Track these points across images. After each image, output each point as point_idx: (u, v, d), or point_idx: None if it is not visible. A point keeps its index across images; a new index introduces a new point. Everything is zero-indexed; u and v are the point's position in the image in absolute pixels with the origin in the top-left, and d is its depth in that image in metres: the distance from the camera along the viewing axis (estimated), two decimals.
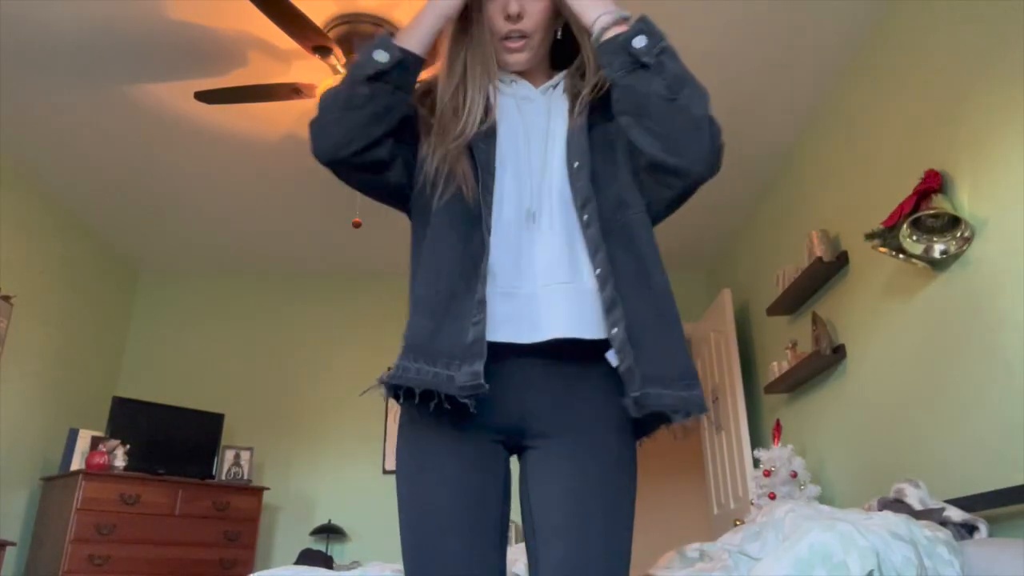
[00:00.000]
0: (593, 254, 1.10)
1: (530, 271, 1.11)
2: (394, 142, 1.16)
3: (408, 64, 1.12)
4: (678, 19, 2.92)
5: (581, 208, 1.13)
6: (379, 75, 1.10)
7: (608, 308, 1.07)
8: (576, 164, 1.15)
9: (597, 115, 1.20)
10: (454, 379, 1.02)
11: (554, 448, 1.11)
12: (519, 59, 1.21)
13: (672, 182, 1.10)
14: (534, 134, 1.20)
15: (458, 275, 1.08)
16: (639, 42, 1.10)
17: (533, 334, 1.08)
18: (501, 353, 1.06)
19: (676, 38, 1.20)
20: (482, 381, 1.01)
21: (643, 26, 1.12)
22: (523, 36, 1.19)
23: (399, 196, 1.23)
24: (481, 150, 1.16)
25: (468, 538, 1.05)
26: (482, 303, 1.05)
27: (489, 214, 1.12)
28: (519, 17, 1.17)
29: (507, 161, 1.17)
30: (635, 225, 1.12)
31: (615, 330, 1.05)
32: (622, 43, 1.09)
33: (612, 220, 1.12)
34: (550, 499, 1.08)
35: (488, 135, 1.17)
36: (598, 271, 1.09)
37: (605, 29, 1.11)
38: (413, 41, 1.14)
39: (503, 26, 1.19)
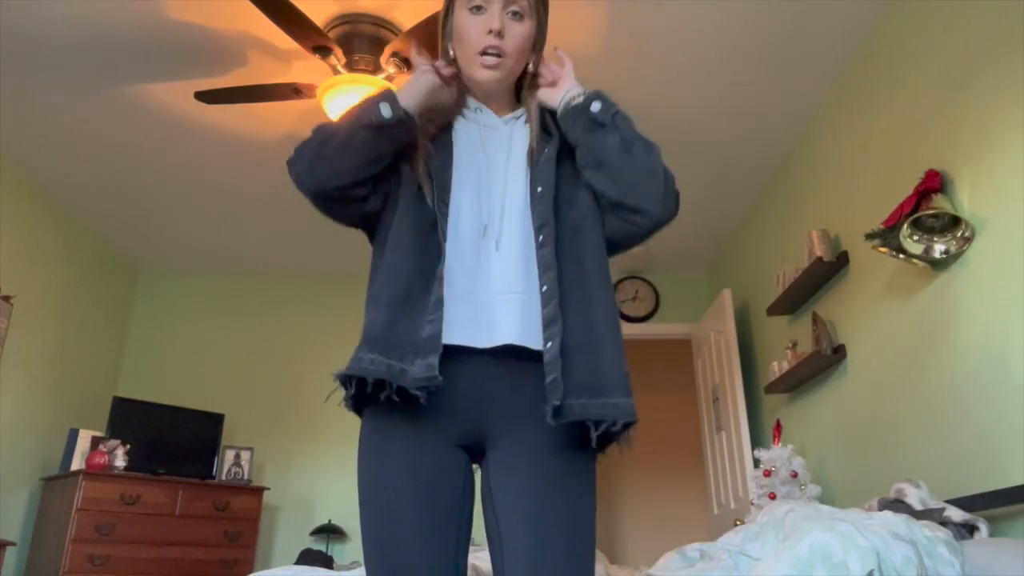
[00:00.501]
0: (543, 272, 1.17)
1: (486, 280, 1.18)
2: (378, 178, 1.26)
3: (407, 124, 1.22)
4: (678, 21, 2.92)
5: (538, 229, 1.20)
6: (380, 127, 1.19)
7: (547, 324, 1.13)
8: (539, 189, 1.23)
9: (565, 150, 1.29)
10: (407, 372, 1.07)
11: (512, 451, 1.14)
12: (492, 76, 1.26)
13: (637, 220, 1.21)
14: (496, 159, 1.28)
15: (416, 275, 1.15)
16: (596, 107, 1.22)
17: (490, 338, 1.14)
18: (457, 356, 1.12)
19: (676, 40, 1.31)
20: (436, 374, 1.06)
21: (599, 94, 1.25)
22: (499, 55, 1.25)
23: (370, 222, 1.34)
24: (436, 167, 1.24)
25: (430, 540, 1.09)
26: (439, 303, 1.12)
27: (445, 223, 1.20)
28: (500, 35, 1.23)
29: (466, 180, 1.25)
30: (587, 247, 1.21)
31: (549, 344, 1.12)
32: (582, 107, 1.23)
33: (568, 242, 1.20)
34: (509, 505, 1.11)
35: (444, 150, 1.27)
36: (544, 288, 1.15)
37: (570, 101, 1.24)
38: (412, 104, 1.24)
39: (482, 40, 1.24)
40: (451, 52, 1.32)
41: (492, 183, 1.25)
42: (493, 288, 1.17)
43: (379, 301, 1.15)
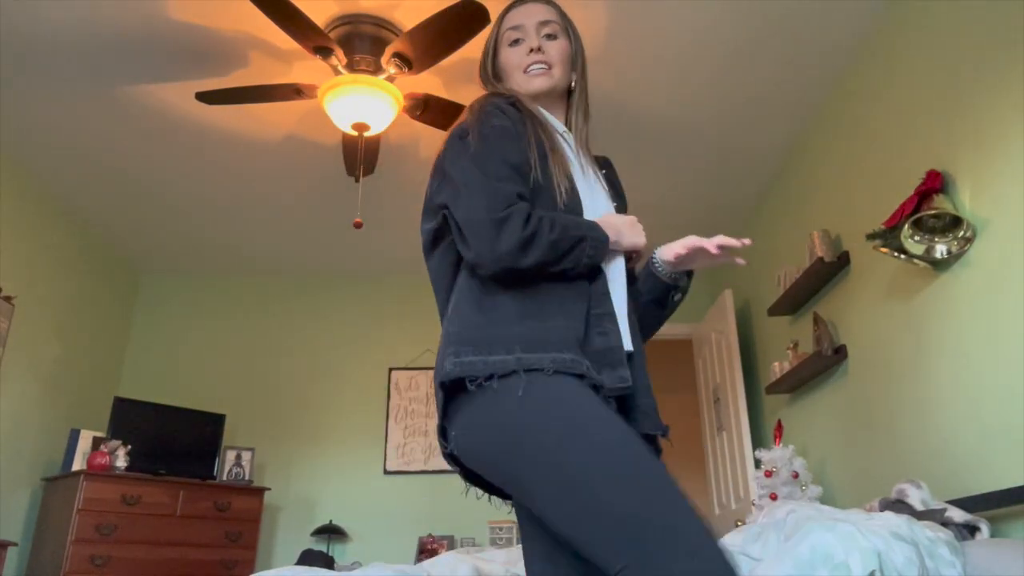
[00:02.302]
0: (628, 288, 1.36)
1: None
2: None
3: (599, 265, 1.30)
4: (677, 21, 2.92)
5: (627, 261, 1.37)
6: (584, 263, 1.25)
7: (634, 335, 1.31)
8: (616, 204, 1.46)
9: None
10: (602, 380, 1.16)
11: None
12: (544, 81, 1.40)
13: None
14: (594, 182, 1.41)
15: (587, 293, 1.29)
16: (677, 298, 1.47)
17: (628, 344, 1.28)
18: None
19: (676, 40, 1.40)
20: (630, 383, 1.19)
21: (686, 290, 1.48)
22: (545, 64, 1.40)
23: None
24: (569, 187, 1.33)
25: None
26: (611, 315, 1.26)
27: None
28: (540, 51, 1.40)
29: (585, 194, 1.34)
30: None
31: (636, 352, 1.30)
32: (672, 295, 1.45)
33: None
34: None
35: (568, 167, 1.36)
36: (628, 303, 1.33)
37: (669, 283, 1.43)
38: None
39: (524, 60, 1.40)
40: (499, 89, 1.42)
41: (598, 207, 1.35)
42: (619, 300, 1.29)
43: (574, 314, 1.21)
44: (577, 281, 1.21)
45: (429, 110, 3.14)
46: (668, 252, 1.37)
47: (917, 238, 2.38)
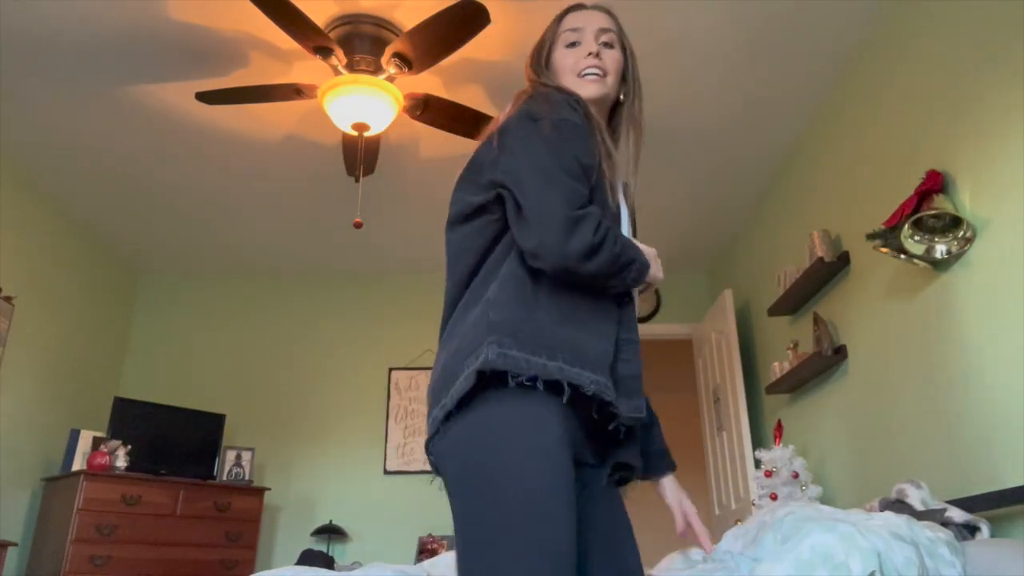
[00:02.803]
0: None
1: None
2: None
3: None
4: (677, 21, 2.92)
5: None
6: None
7: None
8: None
9: None
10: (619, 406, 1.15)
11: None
12: (598, 88, 1.39)
13: None
14: (624, 217, 1.40)
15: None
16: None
17: None
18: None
19: (676, 41, 1.42)
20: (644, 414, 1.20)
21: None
22: (601, 71, 1.40)
23: None
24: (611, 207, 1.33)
25: None
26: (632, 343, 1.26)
27: None
28: (598, 56, 1.40)
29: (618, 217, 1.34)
30: None
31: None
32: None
33: None
34: None
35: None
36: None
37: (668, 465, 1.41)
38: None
39: (581, 63, 1.40)
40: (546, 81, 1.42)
41: (623, 228, 1.34)
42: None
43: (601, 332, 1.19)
44: (607, 302, 1.20)
45: (429, 110, 3.14)
46: (671, 494, 1.38)
47: (917, 238, 2.38)
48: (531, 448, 1.04)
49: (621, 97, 1.45)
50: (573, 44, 1.42)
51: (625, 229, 1.36)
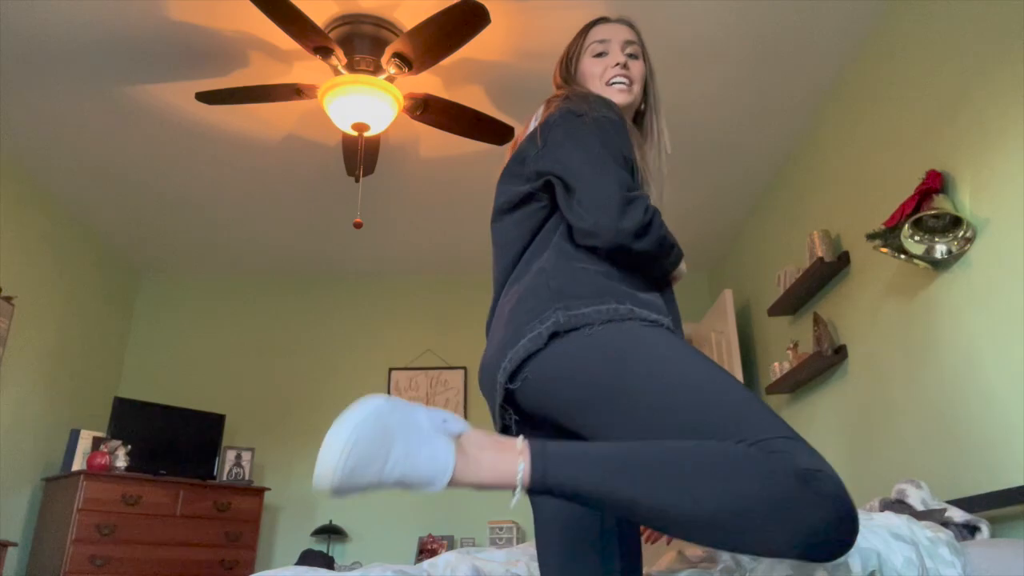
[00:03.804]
0: None
1: None
2: None
3: None
4: (677, 21, 2.92)
5: None
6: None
7: None
8: None
9: None
10: None
11: None
12: (625, 98, 1.47)
13: None
14: None
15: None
16: None
17: None
18: None
19: (676, 40, 1.48)
20: None
21: None
22: (628, 80, 1.49)
23: None
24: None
25: None
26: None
27: None
28: (625, 67, 1.48)
29: None
30: None
31: None
32: None
33: None
34: None
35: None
36: None
37: None
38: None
39: (608, 73, 1.48)
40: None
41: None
42: None
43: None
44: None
45: (429, 110, 3.14)
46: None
47: (917, 238, 2.38)
48: (648, 338, 1.11)
49: (642, 107, 1.54)
50: (600, 55, 1.50)
51: None
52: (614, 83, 1.47)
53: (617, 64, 1.48)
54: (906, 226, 2.36)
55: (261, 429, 4.84)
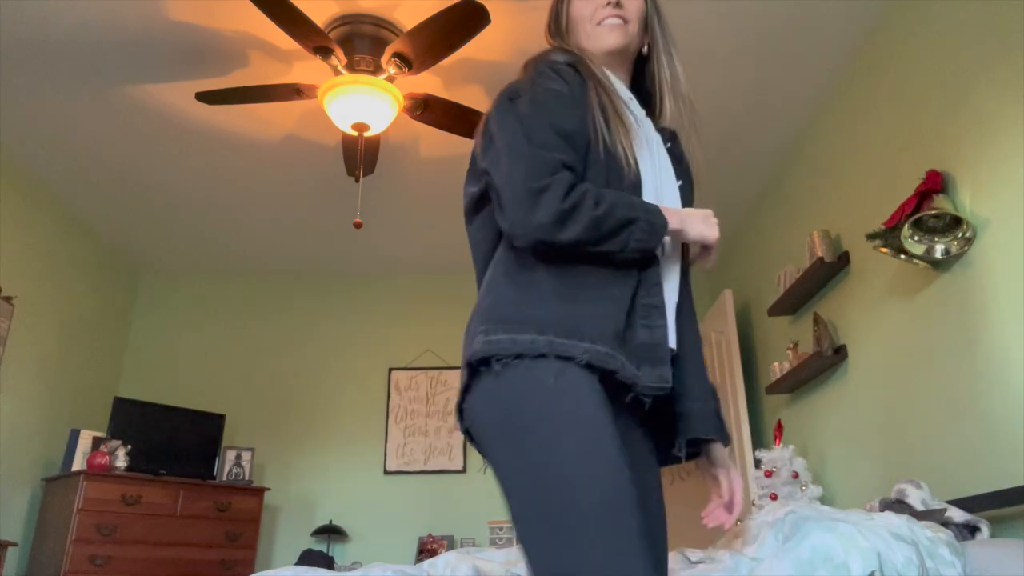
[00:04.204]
0: (683, 280, 1.32)
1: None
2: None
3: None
4: (677, 21, 2.92)
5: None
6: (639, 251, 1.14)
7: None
8: (680, 183, 1.34)
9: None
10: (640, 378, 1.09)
11: None
12: (618, 38, 1.29)
13: None
14: (663, 174, 1.28)
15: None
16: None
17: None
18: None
19: (679, 38, 1.39)
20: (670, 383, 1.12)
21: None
22: (622, 19, 1.30)
23: None
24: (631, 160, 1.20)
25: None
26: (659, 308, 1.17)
27: None
28: (619, 5, 1.30)
29: (648, 173, 1.22)
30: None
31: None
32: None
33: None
34: None
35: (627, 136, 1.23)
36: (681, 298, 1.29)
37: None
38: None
39: (600, 12, 1.30)
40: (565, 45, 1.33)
41: (663, 184, 1.24)
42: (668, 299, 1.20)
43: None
44: (627, 266, 1.11)
45: (429, 110, 3.14)
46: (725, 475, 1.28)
47: (917, 238, 2.38)
48: (559, 397, 1.00)
49: (645, 48, 1.35)
50: None
51: (668, 181, 1.26)
52: (606, 23, 1.29)
53: (608, 4, 1.29)
54: (906, 226, 2.36)
55: (261, 429, 4.84)
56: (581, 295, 1.08)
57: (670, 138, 1.36)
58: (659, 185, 1.23)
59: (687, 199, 1.32)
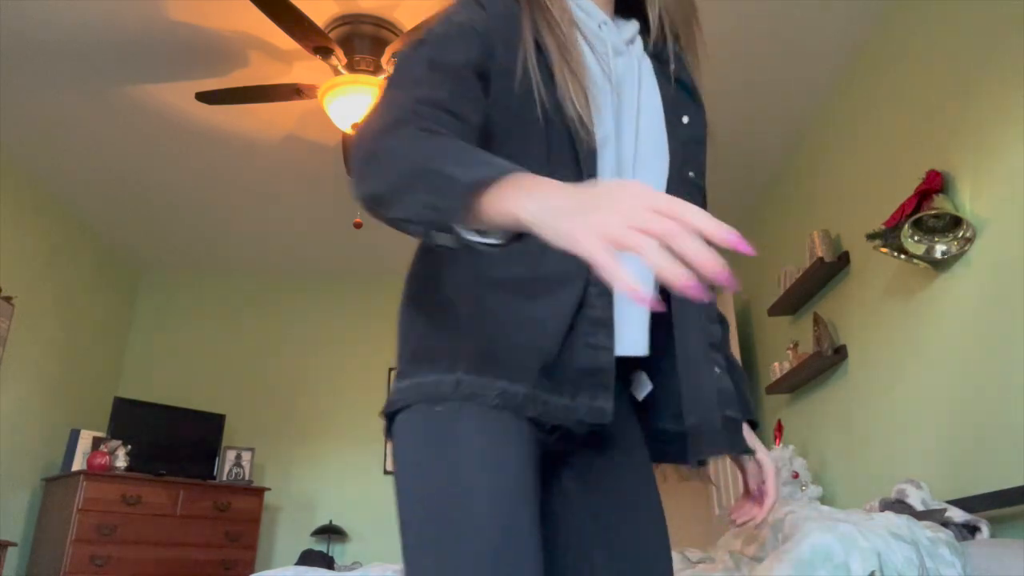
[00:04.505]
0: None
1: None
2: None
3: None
4: None
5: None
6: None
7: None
8: (686, 119, 1.06)
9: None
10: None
11: None
12: None
13: None
14: (649, 133, 1.00)
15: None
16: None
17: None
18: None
19: None
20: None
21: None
22: None
23: None
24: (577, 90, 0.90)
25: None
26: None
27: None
28: None
29: (605, 109, 0.95)
30: None
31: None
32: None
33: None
34: None
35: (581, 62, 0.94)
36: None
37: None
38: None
39: None
40: None
41: (645, 153, 0.96)
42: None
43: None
44: (563, 264, 0.76)
45: None
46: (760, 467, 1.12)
47: (917, 238, 2.38)
48: (463, 451, 0.83)
49: None
50: None
51: (651, 128, 1.00)
52: None
53: None
54: (906, 226, 2.36)
55: (261, 429, 4.84)
56: (503, 315, 0.86)
57: (675, 60, 1.08)
58: (637, 156, 0.97)
59: (693, 145, 1.05)
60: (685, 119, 1.05)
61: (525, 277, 0.85)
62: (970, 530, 2.03)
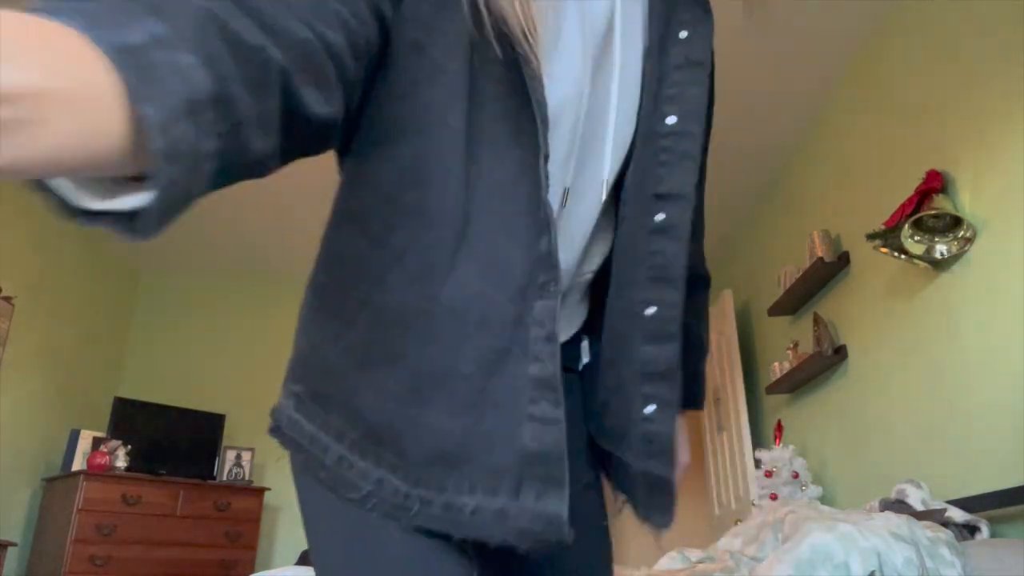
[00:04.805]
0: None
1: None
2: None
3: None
4: None
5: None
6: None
7: None
8: (671, 120, 0.78)
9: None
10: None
11: None
12: None
13: None
14: (631, 42, 0.76)
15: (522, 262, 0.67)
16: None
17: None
18: None
19: None
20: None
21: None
22: None
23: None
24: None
25: None
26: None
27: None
28: None
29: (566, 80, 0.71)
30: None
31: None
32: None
33: None
34: None
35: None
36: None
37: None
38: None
39: None
40: None
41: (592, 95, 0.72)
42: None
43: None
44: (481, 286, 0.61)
45: None
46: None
47: (917, 238, 2.38)
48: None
49: None
50: None
51: (630, 55, 0.75)
52: None
53: None
54: (906, 226, 2.36)
55: (261, 429, 4.79)
56: (414, 355, 0.63)
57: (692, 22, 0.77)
58: (620, 121, 0.75)
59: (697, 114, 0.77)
60: (683, 34, 0.74)
61: (420, 308, 0.61)
62: (970, 530, 2.03)
